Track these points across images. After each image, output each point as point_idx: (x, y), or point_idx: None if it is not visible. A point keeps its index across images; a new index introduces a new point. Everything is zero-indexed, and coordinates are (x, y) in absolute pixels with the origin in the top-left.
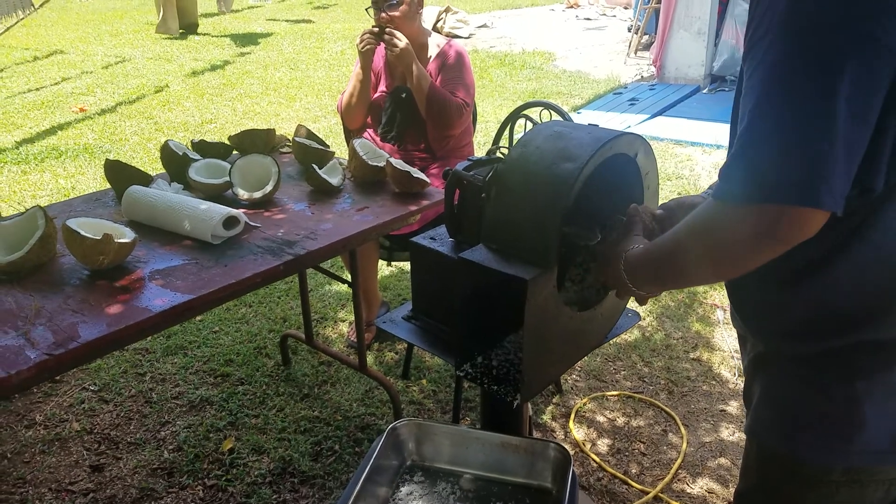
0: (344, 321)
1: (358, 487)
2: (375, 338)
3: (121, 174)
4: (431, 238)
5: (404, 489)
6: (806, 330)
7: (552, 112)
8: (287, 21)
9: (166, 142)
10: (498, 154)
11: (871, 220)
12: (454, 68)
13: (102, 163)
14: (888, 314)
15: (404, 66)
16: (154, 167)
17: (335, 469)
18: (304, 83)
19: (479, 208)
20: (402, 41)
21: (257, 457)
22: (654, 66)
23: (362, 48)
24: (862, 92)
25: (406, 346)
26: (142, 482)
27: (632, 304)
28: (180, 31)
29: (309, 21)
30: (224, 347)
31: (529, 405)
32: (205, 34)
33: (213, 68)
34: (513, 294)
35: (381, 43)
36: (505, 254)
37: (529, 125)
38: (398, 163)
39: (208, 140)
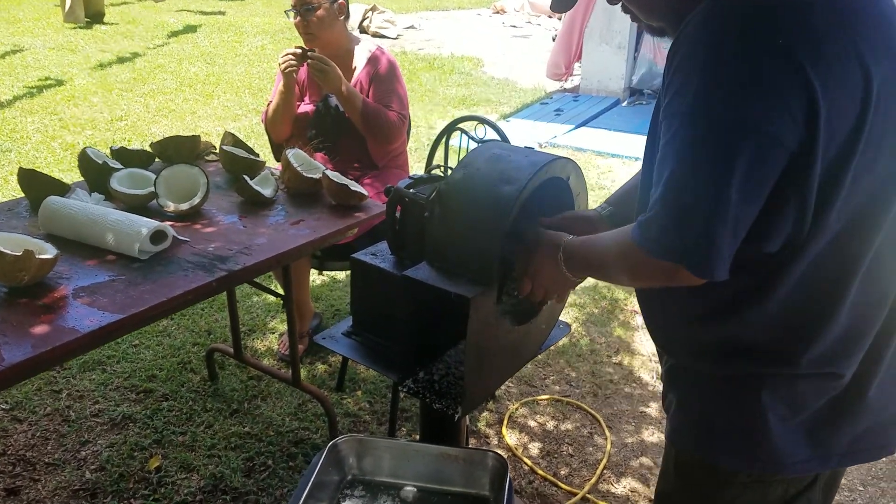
0: (274, 332)
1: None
2: (307, 350)
3: (36, 183)
4: (372, 254)
5: None
6: (714, 358)
7: (486, 126)
8: (202, 13)
9: (84, 149)
10: (437, 172)
11: (781, 273)
12: (387, 79)
13: (2, 164)
14: (791, 352)
15: (332, 89)
16: (61, 168)
17: (269, 485)
18: (222, 79)
19: (422, 226)
20: (328, 65)
21: (186, 474)
22: (563, 66)
23: (284, 70)
24: (753, 178)
25: (340, 358)
26: None
27: (562, 315)
28: (86, 19)
29: (225, 13)
30: (146, 362)
31: (465, 419)
32: (112, 24)
33: (122, 61)
34: (456, 311)
35: (304, 64)
36: (448, 272)
37: (464, 137)
38: (335, 175)
39: (127, 147)
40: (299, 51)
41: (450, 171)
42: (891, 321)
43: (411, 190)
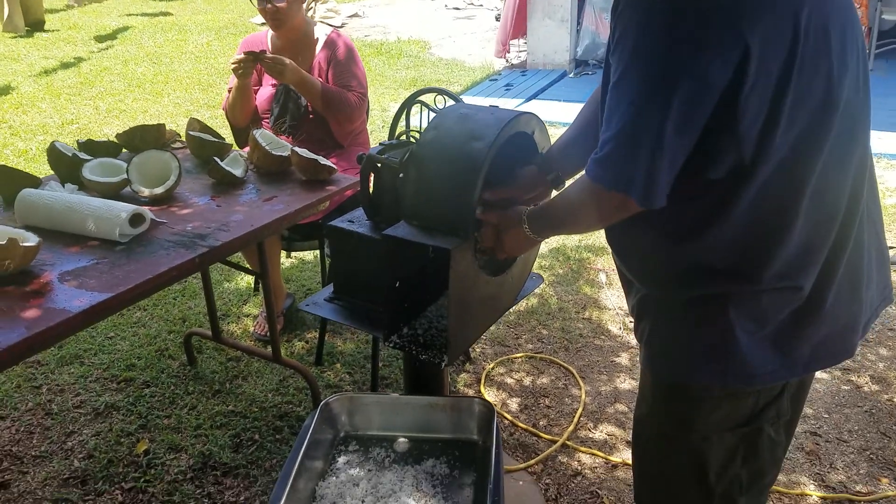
0: (248, 316)
1: (297, 463)
2: (283, 329)
3: (7, 178)
4: (349, 221)
5: (341, 459)
6: (683, 280)
7: (446, 97)
8: (144, 14)
9: (53, 143)
10: (404, 138)
11: (734, 197)
12: (345, 60)
13: None
14: (752, 269)
15: (291, 81)
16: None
17: (258, 458)
18: (171, 77)
19: (396, 189)
20: (283, 64)
21: (175, 455)
22: (500, 44)
23: (238, 75)
24: (688, 115)
25: (317, 333)
26: (54, 493)
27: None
28: (25, 28)
29: (168, 14)
30: (123, 352)
31: (447, 371)
32: (53, 30)
33: (67, 66)
34: (437, 264)
35: (258, 63)
36: (426, 228)
37: (425, 111)
38: (303, 151)
39: (93, 139)
40: (249, 57)
41: (416, 137)
42: (842, 235)
43: (384, 155)
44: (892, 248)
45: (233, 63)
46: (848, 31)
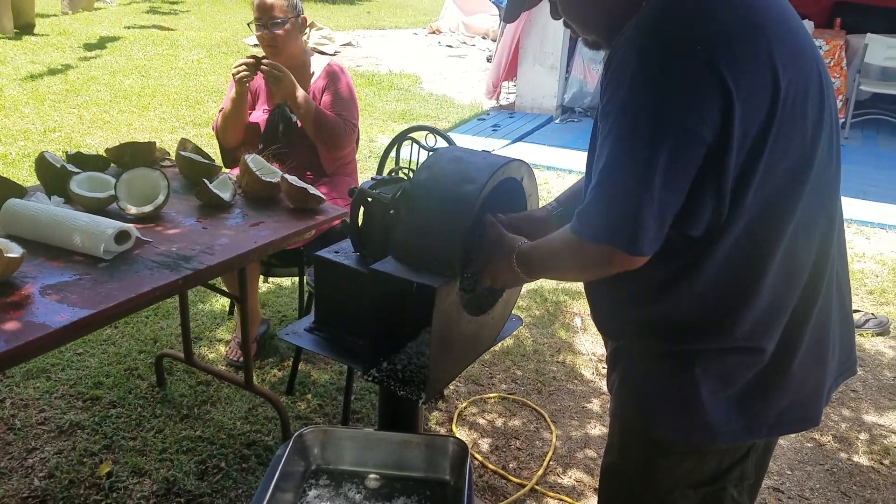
0: (221, 341)
1: (268, 494)
2: (255, 355)
3: None
4: (335, 252)
5: (312, 493)
6: (652, 336)
7: (436, 136)
8: (136, 26)
9: (42, 154)
10: (398, 175)
11: (706, 255)
12: (344, 93)
13: None
14: (720, 327)
15: (286, 94)
16: None
17: (223, 487)
18: (158, 92)
19: (386, 224)
20: (282, 72)
21: (138, 479)
22: (491, 85)
23: (238, 79)
24: (675, 168)
25: (290, 362)
26: None
27: (514, 310)
28: (15, 30)
29: (161, 27)
30: (91, 370)
31: (422, 409)
32: (43, 35)
33: (54, 72)
34: (421, 301)
35: (258, 72)
36: (413, 265)
37: (414, 146)
38: (293, 179)
39: (83, 152)
40: (252, 60)
41: (409, 174)
42: (805, 299)
43: (375, 190)
44: (857, 311)
45: (236, 67)
46: (825, 100)
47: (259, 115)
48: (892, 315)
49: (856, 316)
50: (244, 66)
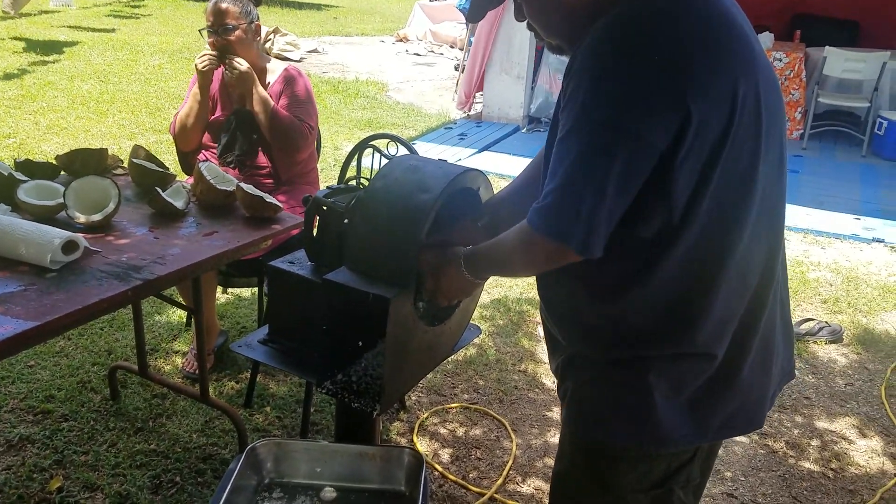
0: (177, 353)
1: None
2: (213, 367)
3: None
4: (290, 262)
5: None
6: (605, 342)
7: (398, 144)
8: (94, 30)
9: None
10: (353, 184)
11: (661, 258)
12: (301, 96)
13: None
14: (674, 334)
15: (245, 89)
16: None
17: (178, 501)
18: (117, 97)
19: (340, 234)
20: (242, 65)
21: (90, 494)
22: (464, 95)
23: (202, 67)
24: (628, 174)
25: (248, 374)
26: None
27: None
28: None
29: (118, 31)
30: (42, 382)
31: (379, 420)
32: None
33: (9, 77)
34: (375, 312)
35: (222, 65)
36: (367, 275)
37: (376, 155)
38: (249, 187)
39: (32, 159)
40: (216, 53)
41: (365, 183)
42: (754, 307)
43: (330, 199)
44: (811, 319)
45: (200, 58)
46: (776, 115)
47: (217, 121)
48: (845, 323)
49: (810, 324)
50: (208, 57)
